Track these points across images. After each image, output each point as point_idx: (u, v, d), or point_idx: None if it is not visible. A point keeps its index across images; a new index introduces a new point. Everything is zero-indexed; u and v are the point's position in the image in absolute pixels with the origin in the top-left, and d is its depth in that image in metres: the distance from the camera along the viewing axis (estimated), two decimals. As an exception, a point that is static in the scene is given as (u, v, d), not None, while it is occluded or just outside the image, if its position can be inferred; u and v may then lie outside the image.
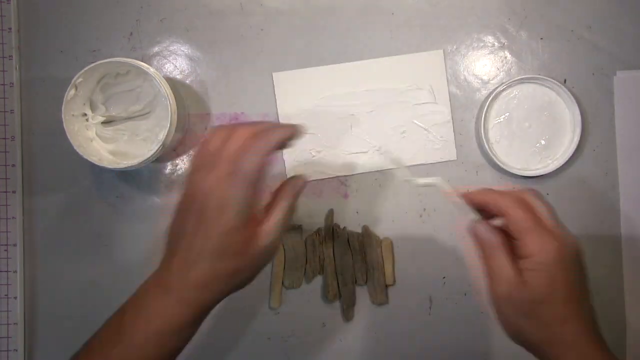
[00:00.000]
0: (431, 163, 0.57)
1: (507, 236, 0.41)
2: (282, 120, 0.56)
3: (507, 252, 0.41)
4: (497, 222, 0.41)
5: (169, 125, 0.50)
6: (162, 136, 0.50)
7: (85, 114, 0.53)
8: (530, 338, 0.41)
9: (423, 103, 0.57)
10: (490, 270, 0.41)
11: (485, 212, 0.42)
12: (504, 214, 0.41)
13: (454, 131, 0.57)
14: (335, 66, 0.57)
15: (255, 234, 0.40)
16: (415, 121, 0.57)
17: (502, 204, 0.41)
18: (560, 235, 0.41)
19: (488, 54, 0.57)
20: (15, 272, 0.56)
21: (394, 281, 0.57)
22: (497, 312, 0.41)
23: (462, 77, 0.57)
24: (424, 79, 0.57)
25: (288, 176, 0.57)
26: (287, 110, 0.57)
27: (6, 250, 0.56)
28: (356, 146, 0.57)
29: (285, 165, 0.57)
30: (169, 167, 0.57)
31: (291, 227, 0.56)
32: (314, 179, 0.57)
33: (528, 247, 0.40)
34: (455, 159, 0.57)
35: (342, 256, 0.56)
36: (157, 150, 0.50)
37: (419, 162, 0.57)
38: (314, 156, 0.57)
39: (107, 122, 0.54)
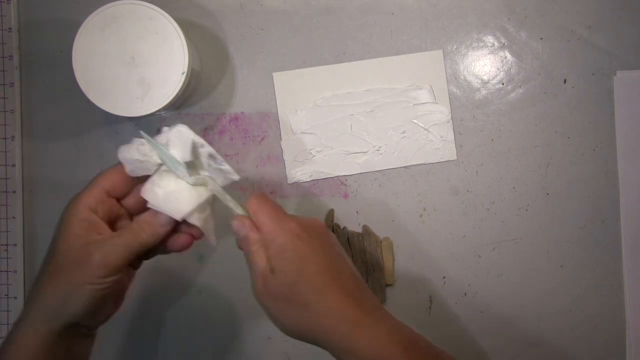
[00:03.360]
0: (431, 163, 0.57)
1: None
2: (281, 120, 0.56)
3: (263, 247, 0.40)
4: None
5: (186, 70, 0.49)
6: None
7: None
8: (300, 323, 0.39)
9: (423, 103, 0.57)
10: (250, 268, 0.41)
11: None
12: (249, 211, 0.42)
13: (454, 131, 0.57)
14: (335, 66, 0.57)
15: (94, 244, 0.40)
16: (415, 121, 0.57)
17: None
18: (295, 216, 0.41)
19: (488, 54, 0.57)
20: (15, 272, 0.56)
21: (394, 281, 0.57)
22: (265, 308, 0.40)
23: (462, 77, 0.57)
24: (423, 79, 0.57)
25: (288, 177, 0.57)
26: (287, 110, 0.57)
27: (6, 250, 0.56)
28: (356, 146, 0.57)
29: (286, 165, 0.57)
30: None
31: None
32: (313, 178, 0.57)
33: (270, 233, 0.40)
34: (455, 159, 0.57)
35: (342, 256, 0.56)
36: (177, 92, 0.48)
37: (419, 162, 0.57)
38: (314, 156, 0.57)
39: None
